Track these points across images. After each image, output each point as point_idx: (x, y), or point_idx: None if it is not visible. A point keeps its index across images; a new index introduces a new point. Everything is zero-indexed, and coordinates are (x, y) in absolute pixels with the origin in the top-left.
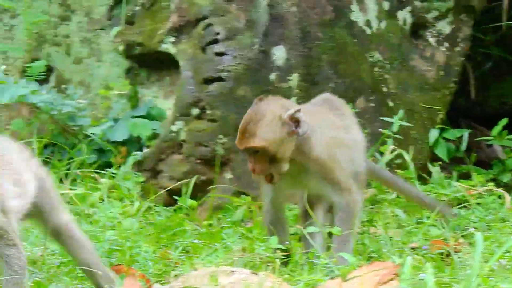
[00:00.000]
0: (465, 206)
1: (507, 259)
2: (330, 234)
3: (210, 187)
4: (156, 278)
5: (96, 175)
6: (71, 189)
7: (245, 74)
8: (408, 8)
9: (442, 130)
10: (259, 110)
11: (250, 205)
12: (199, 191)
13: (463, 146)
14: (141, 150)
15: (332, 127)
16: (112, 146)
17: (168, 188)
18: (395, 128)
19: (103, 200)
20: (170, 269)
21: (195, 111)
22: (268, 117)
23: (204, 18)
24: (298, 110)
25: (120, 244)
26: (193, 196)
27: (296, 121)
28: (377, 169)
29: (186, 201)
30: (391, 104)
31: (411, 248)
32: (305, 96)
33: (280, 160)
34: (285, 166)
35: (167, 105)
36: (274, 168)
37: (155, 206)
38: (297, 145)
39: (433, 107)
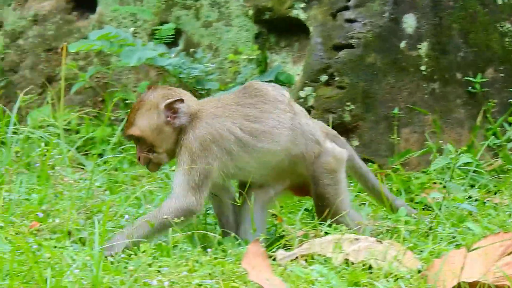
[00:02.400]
0: None
1: None
2: None
3: None
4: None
5: None
6: None
7: (374, 41)
8: None
9: None
10: (143, 99)
11: (377, 172)
12: None
13: None
14: None
15: (233, 118)
16: None
17: None
18: None
19: None
20: (294, 235)
21: (324, 77)
22: (146, 106)
23: None
24: (179, 100)
25: None
26: None
27: (174, 111)
28: (353, 156)
29: None
30: None
31: None
32: (435, 65)
33: (158, 149)
34: (164, 157)
35: (296, 71)
36: (153, 157)
37: None
38: (179, 137)
39: None
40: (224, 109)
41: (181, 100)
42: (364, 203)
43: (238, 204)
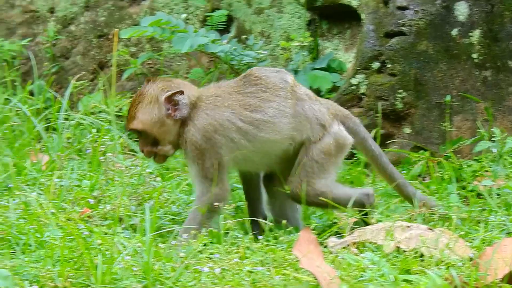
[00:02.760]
0: None
1: None
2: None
3: (389, 141)
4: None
5: None
6: None
7: (426, 29)
8: None
9: None
10: (143, 92)
11: (428, 160)
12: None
13: None
14: None
15: (232, 108)
16: None
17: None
18: None
19: None
20: (346, 222)
21: (376, 64)
22: (147, 99)
23: None
24: (179, 92)
25: None
26: None
27: (175, 104)
28: (365, 138)
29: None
30: None
31: None
32: (486, 52)
33: (162, 142)
34: (169, 149)
35: (348, 58)
36: (158, 150)
37: None
38: (181, 129)
39: None
40: (223, 99)
41: (181, 92)
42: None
43: (287, 192)
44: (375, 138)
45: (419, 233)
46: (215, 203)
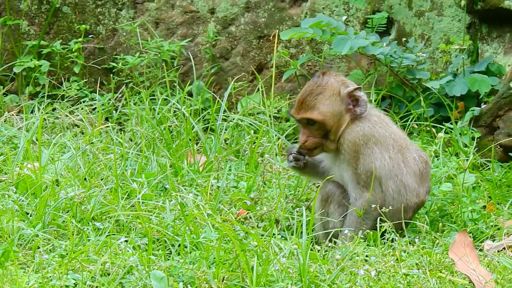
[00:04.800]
0: None
1: None
2: None
3: None
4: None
5: (433, 129)
6: None
7: None
8: None
9: None
10: (321, 84)
11: None
12: None
13: None
14: (479, 106)
15: (392, 135)
16: (449, 100)
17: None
18: None
19: (438, 155)
20: (502, 226)
21: None
22: (329, 92)
23: None
24: (358, 89)
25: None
26: None
27: (355, 99)
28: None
29: None
30: None
31: None
32: None
33: (332, 136)
34: (334, 145)
35: (507, 62)
36: (326, 143)
37: (489, 161)
38: (346, 128)
39: None
40: (391, 128)
41: (360, 89)
42: None
43: None
44: None
45: None
46: (369, 208)
